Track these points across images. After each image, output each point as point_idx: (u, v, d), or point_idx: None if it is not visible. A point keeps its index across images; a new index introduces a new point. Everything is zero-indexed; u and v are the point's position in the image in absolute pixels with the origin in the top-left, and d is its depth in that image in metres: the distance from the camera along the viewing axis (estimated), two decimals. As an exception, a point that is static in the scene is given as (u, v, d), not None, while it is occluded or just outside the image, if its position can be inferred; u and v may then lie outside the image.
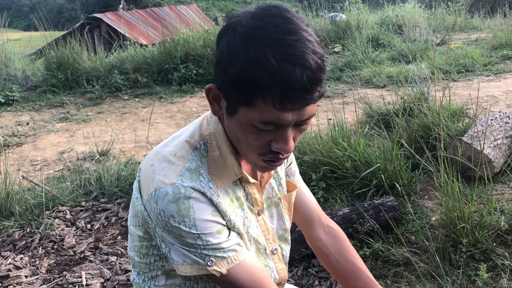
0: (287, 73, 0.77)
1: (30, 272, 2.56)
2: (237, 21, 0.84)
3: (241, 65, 0.79)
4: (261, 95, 0.80)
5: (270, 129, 0.85)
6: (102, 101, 6.80)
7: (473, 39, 8.66)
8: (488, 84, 5.38)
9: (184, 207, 0.89)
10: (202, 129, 0.99)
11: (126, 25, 14.54)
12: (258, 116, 0.82)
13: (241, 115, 0.85)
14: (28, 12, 38.37)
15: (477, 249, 2.19)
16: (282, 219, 1.12)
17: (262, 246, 1.06)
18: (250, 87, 0.80)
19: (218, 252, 0.92)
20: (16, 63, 8.07)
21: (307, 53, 0.79)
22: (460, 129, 3.30)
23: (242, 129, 0.87)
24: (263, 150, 0.89)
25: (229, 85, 0.83)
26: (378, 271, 2.28)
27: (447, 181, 2.33)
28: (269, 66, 0.77)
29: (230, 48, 0.82)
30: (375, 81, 5.95)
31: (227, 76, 0.82)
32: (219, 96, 0.89)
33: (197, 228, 0.90)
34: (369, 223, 2.45)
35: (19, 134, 5.37)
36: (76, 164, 4.09)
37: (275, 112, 0.81)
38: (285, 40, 0.79)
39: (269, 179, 1.09)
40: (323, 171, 3.03)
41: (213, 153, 0.96)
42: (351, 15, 9.49)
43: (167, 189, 0.90)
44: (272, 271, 1.08)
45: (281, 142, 0.87)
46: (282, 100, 0.79)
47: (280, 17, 0.82)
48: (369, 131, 3.62)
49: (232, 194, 0.99)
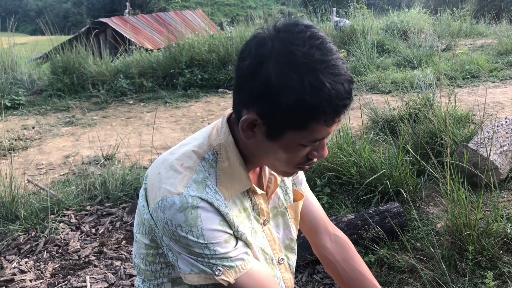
0: (340, 93, 0.82)
1: (34, 276, 2.56)
2: (273, 48, 0.84)
3: (297, 94, 0.81)
4: (316, 119, 0.84)
5: (316, 144, 0.90)
6: (107, 106, 6.83)
7: (479, 45, 8.64)
8: (494, 90, 5.36)
9: (192, 217, 0.89)
10: (211, 139, 0.98)
11: (131, 30, 14.61)
12: (311, 137, 0.87)
13: (289, 138, 0.87)
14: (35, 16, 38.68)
15: (483, 257, 2.17)
16: (288, 229, 1.12)
17: (269, 256, 1.06)
18: (307, 113, 0.83)
19: (225, 261, 0.92)
20: (22, 67, 8.12)
21: (344, 67, 0.84)
22: (466, 135, 3.28)
23: (288, 150, 0.90)
24: (302, 161, 0.93)
25: (281, 113, 0.84)
26: (383, 278, 2.26)
27: (453, 187, 2.31)
28: (325, 91, 0.81)
29: (280, 77, 0.82)
30: (380, 87, 5.94)
31: (279, 105, 0.83)
32: (255, 124, 0.89)
33: (204, 237, 0.90)
34: (374, 229, 2.44)
35: (24, 138, 5.40)
36: (81, 168, 4.10)
37: (326, 129, 0.86)
38: (329, 62, 0.82)
39: (276, 188, 1.09)
40: (328, 177, 3.02)
41: (222, 163, 0.96)
42: (356, 21, 9.49)
43: (174, 199, 0.90)
44: (280, 282, 1.08)
45: (321, 151, 0.92)
46: (334, 118, 0.85)
47: (315, 38, 0.84)
48: (374, 137, 3.61)
49: (240, 205, 0.99)
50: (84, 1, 45.68)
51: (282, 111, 0.83)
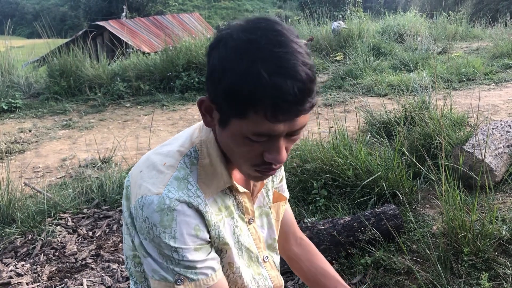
0: (279, 86, 0.78)
1: (31, 279, 2.56)
2: (228, 34, 0.85)
3: (233, 78, 0.80)
4: (253, 108, 0.80)
5: (263, 140, 0.85)
6: (104, 109, 6.83)
7: (474, 48, 8.69)
8: (489, 93, 5.39)
9: (167, 218, 0.89)
10: (194, 137, 0.99)
11: (128, 33, 14.62)
12: (251, 128, 0.83)
13: (234, 127, 0.85)
14: (32, 19, 38.63)
15: (479, 258, 2.19)
16: (272, 229, 1.13)
17: (254, 255, 1.07)
18: (242, 100, 0.80)
19: (189, 272, 0.92)
20: (19, 70, 8.12)
21: (297, 65, 0.80)
22: (461, 138, 3.30)
23: (235, 141, 0.87)
24: (256, 161, 0.89)
25: (222, 98, 0.83)
26: (379, 280, 2.27)
27: (448, 189, 2.33)
28: (261, 79, 0.78)
29: (222, 61, 0.82)
30: (377, 90, 5.97)
31: (219, 88, 0.83)
32: (211, 108, 0.89)
33: (176, 241, 0.90)
34: (371, 231, 2.45)
35: (21, 141, 5.39)
36: (78, 171, 4.10)
37: (268, 124, 0.82)
38: (276, 53, 0.79)
39: (261, 188, 1.09)
40: (324, 179, 3.03)
41: (203, 160, 0.96)
42: (353, 24, 9.54)
43: (153, 198, 0.90)
44: (266, 279, 1.09)
45: (274, 152, 0.87)
46: (274, 112, 0.80)
47: (270, 30, 0.82)
48: (371, 139, 3.63)
49: (220, 203, 0.99)
50: (81, 4, 45.65)
51: (222, 95, 0.83)
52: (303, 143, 3.43)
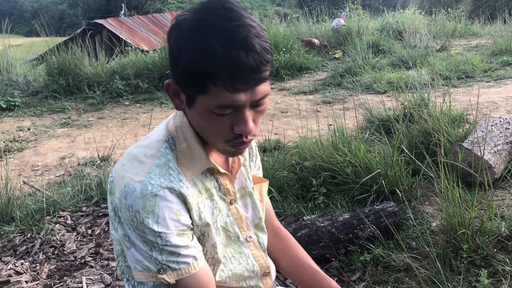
0: (233, 57, 0.83)
1: (30, 278, 2.56)
2: (183, 18, 0.90)
3: (189, 56, 0.85)
4: (212, 81, 0.85)
5: (228, 112, 0.89)
6: (103, 107, 6.82)
7: (473, 45, 8.69)
8: (488, 90, 5.39)
9: (150, 204, 0.92)
10: (169, 126, 1.03)
11: (127, 31, 14.59)
12: (214, 102, 0.87)
13: (200, 104, 0.90)
14: (30, 18, 38.54)
15: (478, 255, 2.19)
16: (256, 208, 1.16)
17: (234, 234, 1.09)
18: (201, 76, 0.85)
19: (171, 260, 0.94)
20: (17, 69, 8.10)
21: (249, 36, 0.84)
22: (460, 135, 3.30)
23: (203, 118, 0.91)
24: (228, 135, 0.93)
25: (182, 77, 0.89)
26: (378, 277, 2.27)
27: (447, 187, 2.33)
28: (215, 53, 0.82)
29: (178, 42, 0.88)
30: (376, 87, 5.96)
31: (179, 68, 0.88)
32: (178, 90, 0.94)
33: (159, 225, 0.92)
34: (370, 228, 2.45)
35: (20, 139, 5.39)
36: (77, 170, 4.10)
37: (228, 95, 0.86)
38: (227, 27, 0.84)
39: (239, 168, 1.12)
40: (323, 176, 3.03)
41: (180, 145, 1.00)
42: (352, 21, 9.53)
43: (136, 186, 0.93)
44: (248, 257, 1.11)
45: (241, 124, 0.91)
46: (232, 82, 0.84)
47: (220, 8, 0.87)
48: (370, 136, 3.63)
49: (200, 185, 1.02)
50: (79, 2, 45.57)
51: (183, 74, 0.88)
52: (302, 140, 3.42)
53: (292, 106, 5.78)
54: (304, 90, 6.51)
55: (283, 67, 7.64)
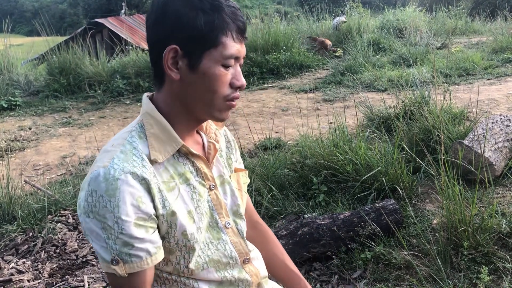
0: (235, 11, 1.00)
1: (32, 276, 2.57)
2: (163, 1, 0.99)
3: (205, 15, 0.97)
4: (224, 33, 0.98)
5: (232, 64, 1.01)
6: (104, 106, 6.83)
7: (474, 42, 8.68)
8: (489, 88, 5.39)
9: (112, 187, 0.93)
10: (138, 119, 1.08)
11: (128, 30, 14.58)
12: (224, 52, 0.99)
13: (207, 60, 0.99)
14: (31, 17, 38.55)
15: (479, 252, 2.19)
16: (234, 196, 1.18)
17: (213, 220, 1.11)
18: (217, 29, 0.98)
19: (124, 252, 0.94)
20: (18, 68, 8.11)
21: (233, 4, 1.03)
22: (461, 132, 3.30)
23: (210, 76, 0.99)
24: (227, 91, 1.02)
25: (191, 38, 0.97)
26: (379, 275, 2.28)
27: (448, 184, 2.33)
28: (224, 8, 0.98)
29: (189, 7, 0.97)
30: (376, 85, 5.96)
31: (194, 29, 0.97)
32: (176, 58, 0.99)
33: (119, 209, 0.92)
34: (371, 226, 2.45)
35: (21, 139, 5.40)
36: (78, 169, 4.11)
37: (235, 45, 1.00)
38: None
39: (215, 154, 1.14)
40: (324, 174, 3.04)
41: (150, 130, 1.03)
42: (352, 19, 9.52)
43: (100, 171, 0.95)
44: (226, 244, 1.12)
45: (240, 77, 1.03)
46: (237, 32, 1.00)
47: None
48: (370, 134, 3.63)
49: (173, 170, 1.04)
50: (80, 1, 45.55)
51: (198, 34, 0.97)
52: (302, 138, 3.43)
53: (293, 104, 5.78)
54: (305, 88, 6.51)
55: (284, 65, 7.63)
